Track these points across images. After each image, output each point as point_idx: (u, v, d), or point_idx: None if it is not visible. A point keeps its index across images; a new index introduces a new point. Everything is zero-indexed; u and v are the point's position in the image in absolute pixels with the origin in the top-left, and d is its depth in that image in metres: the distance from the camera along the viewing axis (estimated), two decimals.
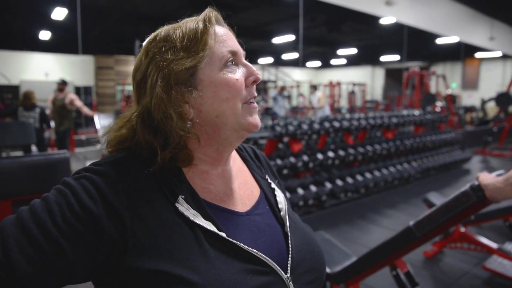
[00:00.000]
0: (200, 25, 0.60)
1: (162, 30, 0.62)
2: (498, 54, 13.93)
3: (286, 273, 0.60)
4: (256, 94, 0.64)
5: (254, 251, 0.57)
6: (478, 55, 15.12)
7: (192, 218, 0.56)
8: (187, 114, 0.59)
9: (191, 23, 0.61)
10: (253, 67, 0.64)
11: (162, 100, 0.57)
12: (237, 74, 0.61)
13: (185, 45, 0.59)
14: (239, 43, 0.65)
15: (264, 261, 0.58)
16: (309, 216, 3.92)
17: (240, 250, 0.56)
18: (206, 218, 0.57)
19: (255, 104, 0.64)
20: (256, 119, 0.63)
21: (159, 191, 0.57)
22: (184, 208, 0.56)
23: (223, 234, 0.56)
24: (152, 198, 0.56)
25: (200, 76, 0.59)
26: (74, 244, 0.50)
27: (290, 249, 0.63)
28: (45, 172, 1.68)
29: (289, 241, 0.64)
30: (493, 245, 2.70)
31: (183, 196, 0.57)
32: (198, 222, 0.56)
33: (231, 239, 0.56)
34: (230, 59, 0.61)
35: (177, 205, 0.56)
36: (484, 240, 2.76)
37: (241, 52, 0.64)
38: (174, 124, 0.57)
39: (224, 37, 0.62)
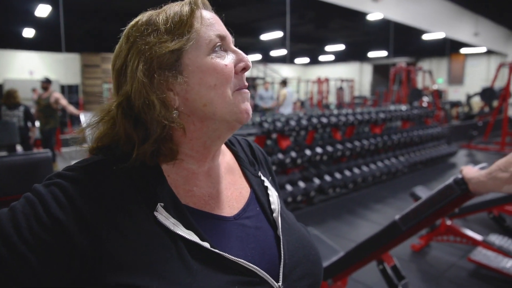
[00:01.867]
0: (186, 8, 0.56)
1: (144, 15, 0.58)
2: (483, 49, 14.16)
3: (277, 282, 0.55)
4: (246, 84, 0.60)
5: (240, 261, 0.53)
6: (463, 50, 15.34)
7: (172, 228, 0.51)
8: (172, 102, 0.54)
9: (176, 6, 0.57)
10: (243, 54, 0.59)
11: (143, 85, 0.52)
12: (226, 60, 0.57)
13: (169, 28, 0.54)
14: (228, 30, 0.61)
15: (253, 270, 0.53)
16: (298, 212, 3.93)
17: (226, 261, 0.52)
18: (187, 227, 0.53)
19: (247, 90, 0.60)
20: (248, 105, 0.58)
21: (137, 198, 0.52)
22: (163, 217, 0.52)
23: (206, 245, 0.52)
24: (129, 206, 0.51)
25: (186, 61, 0.54)
26: (42, 256, 0.46)
27: (282, 254, 0.58)
28: (26, 172, 1.63)
29: (281, 245, 0.60)
30: (478, 237, 2.75)
31: (162, 204, 0.53)
32: (179, 232, 0.51)
33: (214, 250, 0.52)
34: (219, 43, 0.57)
35: (155, 213, 0.52)
36: (469, 233, 2.81)
37: (230, 38, 0.60)
38: (156, 112, 0.52)
39: (211, 21, 0.58)
